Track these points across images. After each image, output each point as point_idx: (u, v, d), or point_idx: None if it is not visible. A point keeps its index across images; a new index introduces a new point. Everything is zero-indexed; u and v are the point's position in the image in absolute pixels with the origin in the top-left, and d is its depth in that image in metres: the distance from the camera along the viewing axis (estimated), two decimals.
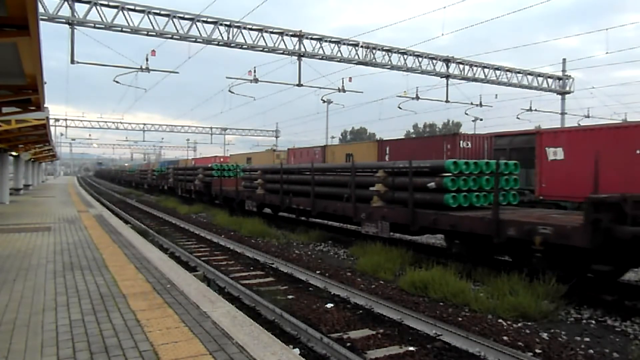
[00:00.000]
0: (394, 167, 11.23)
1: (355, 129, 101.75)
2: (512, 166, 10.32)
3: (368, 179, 11.66)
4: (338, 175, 13.54)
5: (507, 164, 10.30)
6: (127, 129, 60.36)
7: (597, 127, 17.81)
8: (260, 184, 17.35)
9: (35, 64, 6.23)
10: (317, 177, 13.92)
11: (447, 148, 18.12)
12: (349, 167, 12.72)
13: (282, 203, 15.59)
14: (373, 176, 11.43)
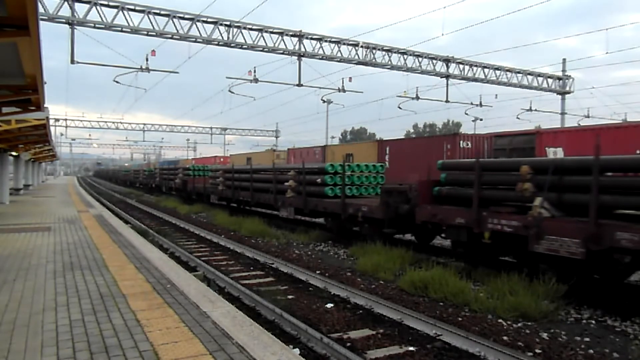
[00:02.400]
0: (299, 168, 14.89)
1: (355, 129, 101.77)
2: (379, 167, 14.41)
3: (285, 177, 15.41)
4: (267, 174, 17.25)
5: (375, 166, 14.32)
6: (127, 129, 60.40)
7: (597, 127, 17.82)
8: (221, 182, 21.24)
9: (35, 64, 6.23)
10: (255, 176, 18.13)
11: (447, 148, 18.14)
12: (274, 169, 16.82)
13: (233, 196, 20.04)
14: (287, 175, 15.25)
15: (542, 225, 7.29)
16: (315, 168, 14.52)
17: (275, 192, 15.91)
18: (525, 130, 19.54)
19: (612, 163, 7.17)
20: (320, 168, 14.16)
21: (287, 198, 14.96)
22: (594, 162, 6.79)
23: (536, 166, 7.95)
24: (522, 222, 7.66)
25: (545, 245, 7.29)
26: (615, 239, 6.42)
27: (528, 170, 7.87)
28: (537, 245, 7.38)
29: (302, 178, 14.39)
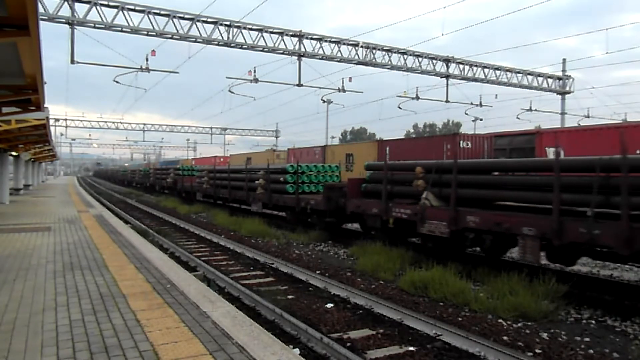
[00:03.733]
0: (267, 168, 17.37)
1: (355, 129, 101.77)
2: (335, 168, 16.78)
3: (256, 176, 17.83)
4: (242, 174, 19.60)
5: (331, 166, 16.81)
6: (127, 129, 60.39)
7: (597, 127, 17.82)
8: (205, 181, 23.60)
9: (35, 64, 6.23)
10: (232, 176, 20.85)
11: (447, 148, 18.14)
12: (249, 169, 19.50)
13: (214, 194, 22.72)
14: (257, 174, 17.71)
15: (424, 213, 9.60)
16: (279, 168, 16.70)
17: (247, 190, 18.41)
18: (525, 130, 19.55)
19: (465, 165, 9.78)
20: (283, 168, 16.24)
21: (257, 194, 17.42)
22: (454, 164, 9.31)
23: (426, 167, 10.18)
24: (413, 211, 9.93)
25: (427, 227, 9.57)
26: (466, 221, 8.65)
27: (421, 170, 10.14)
28: (422, 227, 9.66)
29: (269, 177, 16.72)
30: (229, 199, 20.81)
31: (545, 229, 7.24)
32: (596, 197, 6.75)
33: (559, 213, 7.10)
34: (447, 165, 9.71)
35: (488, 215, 8.30)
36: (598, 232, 6.55)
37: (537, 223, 7.44)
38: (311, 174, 15.80)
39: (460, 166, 9.37)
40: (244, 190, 18.69)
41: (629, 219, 6.26)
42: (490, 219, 8.20)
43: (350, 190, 12.42)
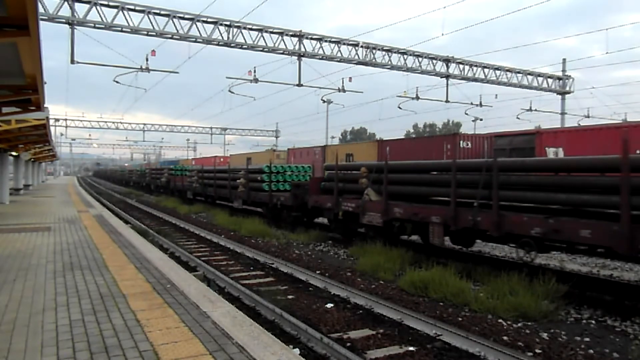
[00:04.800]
0: (247, 168, 19.35)
1: (355, 129, 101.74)
2: (307, 168, 18.26)
3: (237, 176, 19.63)
4: (226, 174, 21.51)
5: (304, 167, 18.24)
6: (127, 129, 60.47)
7: (597, 127, 17.83)
8: (195, 180, 25.54)
9: (35, 64, 6.23)
10: (217, 175, 22.81)
11: (447, 148, 18.15)
12: (232, 169, 21.52)
13: (203, 192, 24.72)
14: (239, 174, 19.47)
15: (365, 206, 11.27)
16: (257, 169, 18.42)
17: (230, 188, 20.30)
18: (525, 130, 19.56)
19: (394, 166, 11.24)
20: (260, 169, 17.79)
21: (238, 192, 19.29)
22: (385, 165, 10.94)
23: (369, 167, 11.89)
24: (356, 205, 11.59)
25: (367, 218, 11.23)
26: (394, 212, 10.37)
27: (365, 170, 11.80)
28: (363, 218, 11.32)
29: (248, 177, 18.57)
30: (215, 196, 23.17)
31: (446, 217, 9.00)
32: (481, 192, 8.40)
33: (455, 204, 8.83)
34: (381, 166, 11.16)
35: (408, 208, 10.12)
36: (480, 219, 8.30)
37: (441, 213, 9.21)
38: (285, 174, 17.26)
39: (389, 167, 10.96)
40: (227, 189, 20.66)
41: (498, 208, 8.00)
42: (410, 211, 10.04)
43: (311, 188, 14.22)
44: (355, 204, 11.66)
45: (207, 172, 24.72)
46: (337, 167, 12.82)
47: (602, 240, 6.68)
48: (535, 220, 7.46)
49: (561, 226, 7.05)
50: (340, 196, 12.41)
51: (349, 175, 12.71)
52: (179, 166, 34.61)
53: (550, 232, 7.16)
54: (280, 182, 16.93)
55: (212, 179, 23.24)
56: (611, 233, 6.42)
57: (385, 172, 10.76)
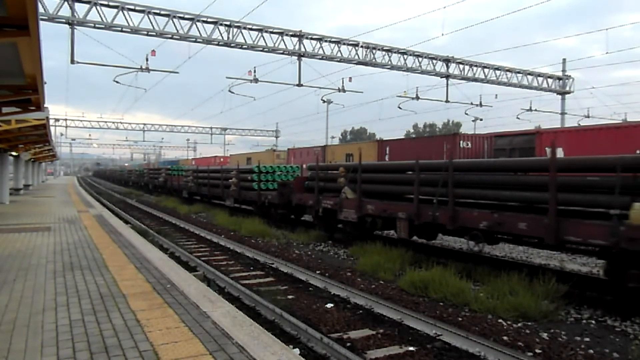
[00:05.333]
0: (238, 168, 20.25)
1: (355, 129, 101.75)
2: (296, 168, 19.09)
3: (229, 176, 20.53)
4: (219, 174, 22.51)
5: (292, 167, 19.18)
6: (127, 129, 60.49)
7: (597, 127, 17.83)
8: (190, 180, 26.59)
9: (35, 64, 6.23)
10: (211, 175, 23.72)
11: (447, 148, 18.15)
12: (224, 169, 22.81)
13: (197, 191, 25.62)
14: (231, 174, 20.43)
15: (342, 203, 12.07)
16: (247, 169, 19.63)
17: (223, 187, 21.30)
18: (525, 130, 19.56)
19: (367, 166, 12.15)
20: (250, 169, 18.98)
21: (230, 191, 20.27)
22: (359, 166, 11.66)
23: (346, 167, 12.73)
24: (335, 202, 12.41)
25: (343, 214, 12.04)
26: (367, 209, 11.14)
27: (343, 170, 12.61)
28: (340, 214, 12.16)
29: (239, 176, 19.56)
30: (208, 195, 24.26)
31: (411, 213, 9.83)
32: (440, 190, 9.16)
33: (418, 201, 9.61)
34: (356, 166, 11.95)
35: (379, 205, 10.89)
36: (438, 214, 9.09)
37: (406, 209, 10.03)
38: (274, 174, 18.18)
39: (363, 167, 11.80)
40: (220, 188, 21.68)
41: (454, 205, 8.82)
42: (380, 207, 10.81)
43: (295, 187, 15.00)
44: (333, 201, 12.55)
45: (202, 172, 25.72)
46: (317, 168, 13.90)
47: (535, 232, 7.46)
48: (483, 215, 8.32)
49: (503, 220, 7.90)
50: (320, 194, 13.29)
51: (329, 175, 13.52)
52: (176, 166, 35.62)
53: (495, 225, 8.04)
54: (270, 182, 17.82)
55: (206, 179, 24.16)
56: (542, 225, 7.22)
57: (359, 172, 11.63)
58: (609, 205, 6.46)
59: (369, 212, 11.15)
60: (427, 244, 12.04)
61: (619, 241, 6.21)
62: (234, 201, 20.30)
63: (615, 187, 6.41)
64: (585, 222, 6.84)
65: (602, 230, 6.44)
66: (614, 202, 6.34)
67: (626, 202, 6.26)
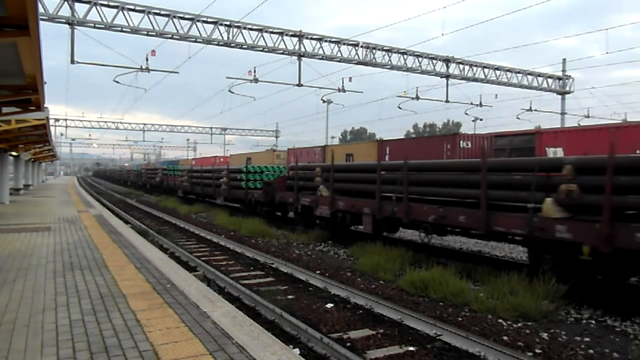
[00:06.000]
0: (228, 168, 21.86)
1: (355, 129, 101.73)
2: (283, 168, 19.55)
3: (220, 175, 21.94)
4: (211, 173, 23.77)
5: (279, 167, 19.97)
6: (127, 129, 60.44)
7: (597, 127, 17.82)
8: (185, 179, 28.02)
9: (35, 64, 6.23)
10: (204, 174, 25.06)
11: (447, 148, 18.15)
12: (215, 169, 24.20)
13: (191, 190, 26.94)
14: (222, 174, 21.79)
15: (317, 200, 13.23)
16: (237, 169, 20.74)
17: (214, 186, 22.58)
18: (526, 130, 19.54)
19: (338, 166, 13.17)
20: (239, 169, 20.09)
21: (220, 190, 21.54)
22: (331, 166, 12.89)
23: (322, 167, 13.62)
24: (311, 199, 13.56)
25: (319, 210, 13.20)
26: (338, 205, 12.44)
27: (319, 170, 13.60)
28: (316, 211, 13.32)
29: (229, 176, 20.77)
30: (201, 194, 25.58)
31: (374, 209, 10.94)
32: (398, 188, 10.18)
33: (380, 198, 10.74)
34: (330, 167, 13.04)
35: (348, 201, 12.14)
36: (396, 209, 10.21)
37: (370, 205, 11.13)
38: (262, 174, 19.09)
39: (335, 167, 12.93)
40: (212, 187, 22.94)
41: (408, 201, 9.93)
42: (349, 204, 12.08)
43: (278, 186, 16.20)
44: (310, 198, 13.71)
45: (195, 172, 27.16)
46: (297, 168, 15.01)
47: (472, 223, 8.59)
48: (431, 210, 9.49)
49: (447, 214, 9.05)
50: (300, 192, 14.35)
51: (308, 175, 14.41)
52: (171, 166, 37.05)
53: (441, 218, 9.20)
54: (258, 181, 18.72)
55: (199, 178, 25.52)
56: (476, 218, 8.34)
57: (332, 171, 12.78)
58: (527, 200, 7.45)
59: (340, 208, 12.40)
60: (427, 244, 12.05)
61: (533, 230, 7.30)
62: (224, 199, 21.55)
63: (531, 184, 7.45)
64: (508, 215, 7.97)
65: (520, 221, 7.55)
66: (530, 198, 7.39)
67: (540, 198, 7.28)
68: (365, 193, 11.68)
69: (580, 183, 6.82)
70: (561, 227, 6.97)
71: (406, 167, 10.06)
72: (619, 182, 6.36)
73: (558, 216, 7.05)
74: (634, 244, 6.11)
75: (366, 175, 11.94)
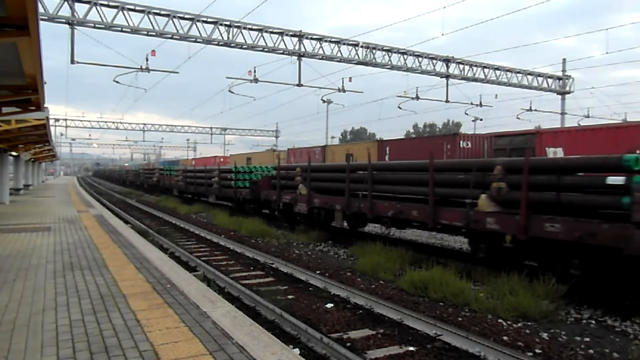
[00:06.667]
0: (219, 169, 23.17)
1: (355, 129, 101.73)
2: (271, 168, 19.54)
3: (212, 175, 23.04)
4: (203, 173, 25.19)
5: (268, 167, 20.66)
6: (127, 129, 60.50)
7: (597, 127, 17.82)
8: (180, 179, 29.24)
9: (35, 64, 6.23)
10: (197, 174, 26.26)
11: (447, 148, 18.16)
12: (207, 169, 25.52)
13: (185, 189, 28.14)
14: (213, 174, 22.96)
15: (297, 198, 14.24)
16: (227, 169, 22.15)
17: (207, 186, 23.77)
18: (525, 130, 19.54)
19: (314, 167, 14.50)
20: (230, 169, 21.36)
21: (212, 189, 22.71)
22: (308, 166, 14.09)
23: (302, 168, 14.61)
24: (291, 197, 14.63)
25: (297, 207, 14.21)
26: (314, 202, 13.40)
27: (299, 170, 14.63)
28: (295, 207, 14.34)
29: (220, 176, 21.86)
30: (194, 193, 26.80)
31: (344, 205, 11.95)
32: (364, 185, 11.16)
33: (349, 195, 11.74)
34: (307, 167, 14.25)
35: (323, 198, 13.06)
36: (362, 205, 11.23)
37: (340, 202, 12.12)
38: (251, 174, 20.09)
39: (311, 167, 14.16)
40: (204, 186, 24.16)
41: (372, 198, 10.93)
42: (323, 200, 13.03)
43: (263, 185, 17.37)
44: (291, 196, 14.74)
45: (189, 172, 28.59)
46: (279, 168, 16.15)
47: (422, 217, 9.54)
48: (390, 205, 10.43)
49: (403, 209, 10.06)
50: (282, 191, 15.44)
51: (289, 174, 15.53)
52: (167, 167, 38.30)
53: (398, 213, 10.16)
54: (247, 181, 19.62)
55: (193, 178, 26.67)
56: (425, 212, 9.33)
57: (309, 171, 13.95)
58: (467, 197, 8.42)
59: (315, 205, 13.41)
60: (427, 244, 12.04)
61: (469, 222, 8.33)
62: (216, 198, 22.94)
63: (470, 183, 8.41)
64: (450, 209, 8.99)
65: (460, 215, 8.56)
66: (469, 194, 8.36)
67: (477, 194, 8.25)
68: (338, 191, 12.55)
69: (508, 181, 7.81)
70: (491, 220, 7.99)
71: (370, 168, 11.17)
72: (534, 180, 7.42)
73: (490, 210, 8.05)
74: (544, 232, 7.10)
75: (338, 174, 12.92)
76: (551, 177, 7.29)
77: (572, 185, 7.18)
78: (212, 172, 23.52)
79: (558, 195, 7.13)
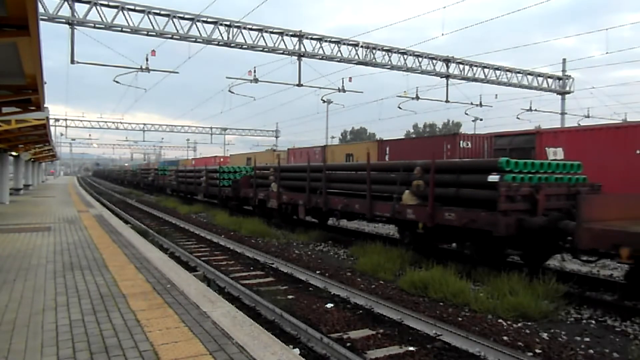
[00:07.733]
0: (207, 169, 24.75)
1: (355, 129, 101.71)
2: (250, 169, 20.42)
3: (200, 174, 24.98)
4: (193, 173, 27.14)
5: (251, 168, 20.46)
6: (127, 129, 60.41)
7: (597, 127, 17.81)
8: (173, 178, 31.24)
9: (35, 64, 6.23)
10: (187, 174, 28.38)
11: (447, 148, 18.16)
12: (196, 169, 27.40)
13: (178, 188, 30.48)
14: (202, 173, 24.74)
15: (269, 195, 16.21)
16: (214, 169, 23.85)
17: (195, 184, 25.96)
18: (525, 130, 19.52)
19: (283, 167, 16.21)
20: (215, 169, 23.26)
21: (200, 187, 24.90)
22: (278, 167, 15.94)
23: (274, 168, 16.25)
24: (265, 194, 16.59)
25: (270, 203, 16.12)
26: (283, 199, 15.27)
27: (272, 170, 16.55)
28: (268, 203, 16.29)
29: (209, 175, 23.57)
30: (185, 191, 29.27)
31: (305, 201, 13.78)
32: (323, 184, 12.97)
33: (309, 191, 13.64)
34: (279, 167, 15.92)
35: (289, 195, 14.97)
36: (319, 200, 13.05)
37: (303, 198, 13.94)
38: (236, 173, 21.60)
39: (280, 168, 15.86)
40: (194, 185, 26.33)
41: (326, 194, 12.85)
42: (289, 197, 14.93)
43: (242, 184, 19.33)
44: (264, 194, 16.68)
45: (181, 172, 30.68)
46: (256, 168, 18.21)
47: (363, 210, 11.40)
48: (340, 200, 12.44)
49: (349, 203, 11.98)
50: (258, 189, 17.44)
51: (265, 174, 17.50)
52: (161, 167, 40.98)
53: (345, 207, 12.15)
54: (231, 180, 21.13)
55: (184, 177, 28.91)
56: (365, 206, 11.17)
57: (278, 171, 15.75)
58: (395, 192, 10.27)
59: (284, 201, 15.22)
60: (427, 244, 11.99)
61: (395, 213, 10.22)
62: (204, 195, 25.31)
63: (397, 180, 10.34)
64: (382, 203, 10.77)
65: (389, 207, 10.37)
66: (397, 190, 10.23)
67: (402, 190, 10.15)
68: (301, 189, 14.21)
69: (424, 179, 9.63)
70: (410, 211, 9.84)
71: (325, 168, 13.18)
72: (440, 178, 9.29)
73: (412, 203, 9.84)
74: (444, 220, 8.93)
75: (301, 174, 14.50)
76: (453, 176, 9.24)
77: (467, 183, 8.93)
78: (201, 172, 25.34)
79: (458, 191, 9.04)
